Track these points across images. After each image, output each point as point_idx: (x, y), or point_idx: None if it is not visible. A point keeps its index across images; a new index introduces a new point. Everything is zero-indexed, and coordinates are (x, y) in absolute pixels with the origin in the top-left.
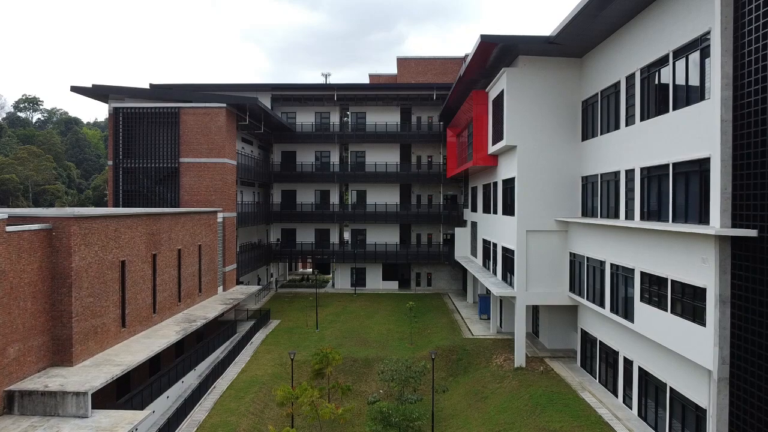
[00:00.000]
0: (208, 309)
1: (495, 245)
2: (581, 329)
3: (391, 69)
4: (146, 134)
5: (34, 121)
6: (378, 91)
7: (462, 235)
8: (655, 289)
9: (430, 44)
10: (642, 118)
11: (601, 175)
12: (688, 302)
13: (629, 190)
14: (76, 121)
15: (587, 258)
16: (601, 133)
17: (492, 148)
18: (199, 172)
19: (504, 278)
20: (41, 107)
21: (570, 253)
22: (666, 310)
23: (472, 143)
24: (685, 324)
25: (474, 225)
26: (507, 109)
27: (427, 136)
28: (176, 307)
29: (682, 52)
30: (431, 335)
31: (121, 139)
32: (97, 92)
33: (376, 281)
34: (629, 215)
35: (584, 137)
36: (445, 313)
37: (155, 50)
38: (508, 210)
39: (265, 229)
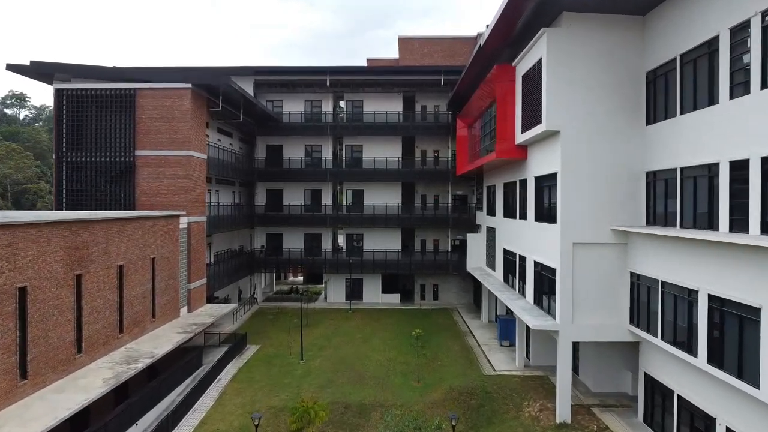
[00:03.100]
0: (160, 340)
1: (523, 259)
2: (645, 373)
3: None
4: (96, 122)
5: (21, 117)
6: (377, 76)
7: (475, 242)
8: None
9: None
10: (765, 85)
11: (682, 169)
12: None
13: (738, 191)
14: None
15: (662, 283)
16: (682, 113)
17: (521, 137)
18: (158, 167)
19: (537, 302)
20: (29, 104)
21: (631, 273)
22: None
23: (494, 131)
24: None
25: (491, 231)
26: (547, 82)
27: (434, 127)
28: (115, 341)
29: None
30: (442, 369)
31: (65, 128)
32: (38, 71)
33: (374, 294)
34: (737, 226)
35: (651, 119)
36: (456, 337)
37: (154, 51)
38: (546, 216)
39: (248, 234)
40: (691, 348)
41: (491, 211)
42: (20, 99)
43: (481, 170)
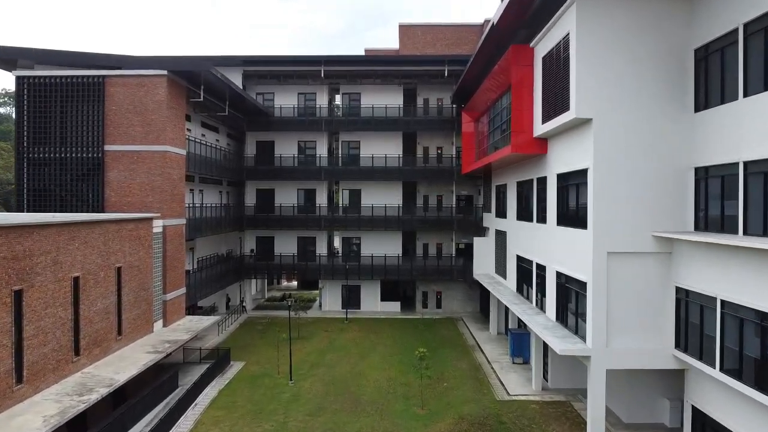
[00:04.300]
0: (125, 362)
1: (542, 268)
2: (693, 407)
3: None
4: (61, 113)
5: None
6: (375, 66)
7: (483, 247)
8: None
9: None
10: None
11: (747, 163)
12: None
13: None
14: None
15: (722, 302)
16: (746, 94)
17: (541, 128)
18: (130, 164)
19: (561, 319)
20: None
21: (677, 288)
22: None
23: (507, 123)
24: None
25: (501, 235)
26: (578, 61)
27: (437, 122)
28: (69, 366)
29: None
30: (449, 392)
31: (27, 120)
32: None
33: (373, 302)
34: None
35: (701, 105)
36: (463, 352)
37: (153, 52)
38: (572, 220)
39: (238, 237)
40: (765, 386)
41: (501, 213)
42: (13, 98)
43: (489, 168)
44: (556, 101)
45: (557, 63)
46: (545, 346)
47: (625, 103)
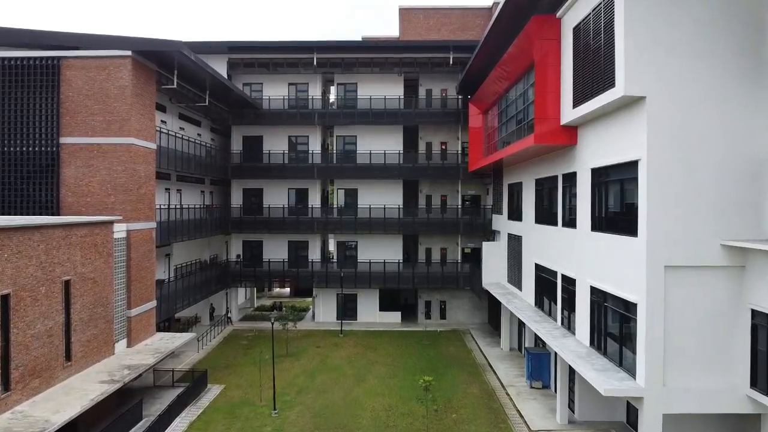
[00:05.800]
0: (71, 396)
1: (569, 281)
2: None
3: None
4: (10, 101)
5: None
6: (374, 54)
7: (493, 252)
8: None
9: None
10: None
11: None
12: None
13: None
14: None
15: None
16: None
17: (570, 114)
18: (89, 159)
19: (597, 344)
20: None
21: (753, 312)
22: None
23: (524, 112)
24: None
25: (514, 240)
26: (627, 26)
27: (440, 115)
28: None
29: None
30: (460, 426)
31: None
32: None
33: (371, 312)
34: None
35: None
36: (472, 373)
37: None
38: (616, 225)
39: (224, 241)
40: None
41: (515, 215)
42: None
43: (500, 165)
44: (594, 79)
45: (595, 32)
46: (570, 369)
47: (686, 78)
